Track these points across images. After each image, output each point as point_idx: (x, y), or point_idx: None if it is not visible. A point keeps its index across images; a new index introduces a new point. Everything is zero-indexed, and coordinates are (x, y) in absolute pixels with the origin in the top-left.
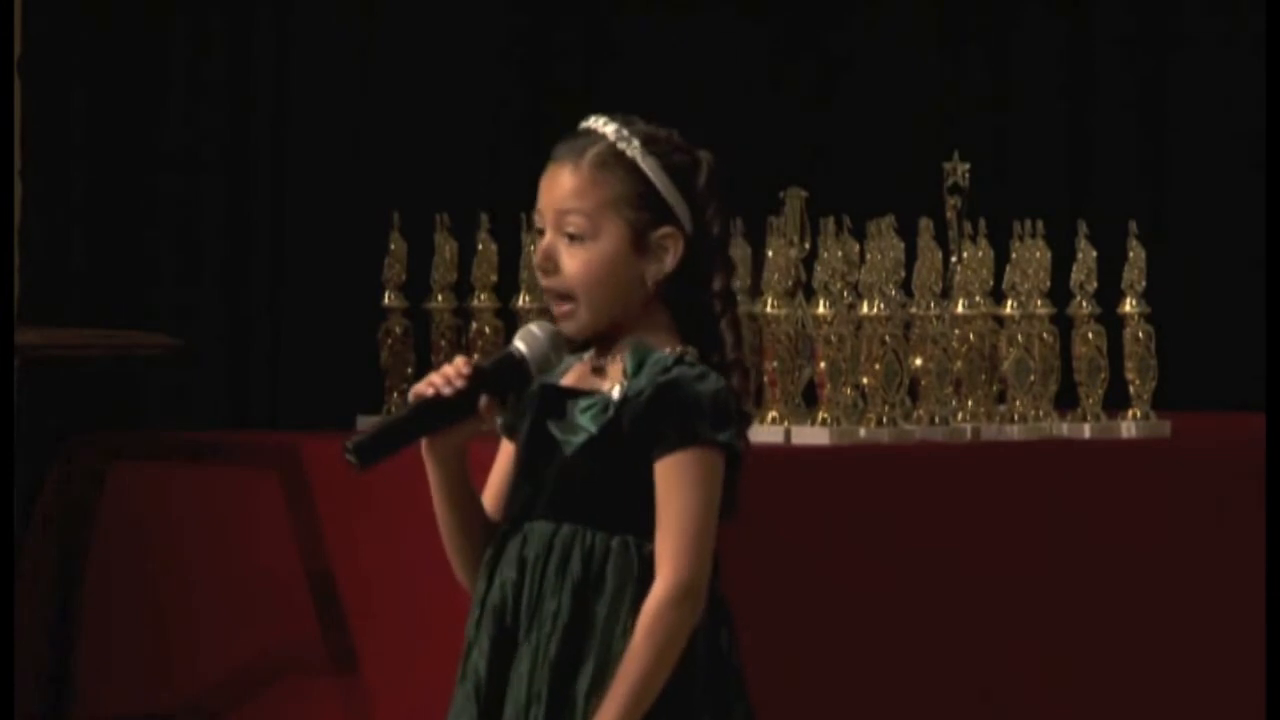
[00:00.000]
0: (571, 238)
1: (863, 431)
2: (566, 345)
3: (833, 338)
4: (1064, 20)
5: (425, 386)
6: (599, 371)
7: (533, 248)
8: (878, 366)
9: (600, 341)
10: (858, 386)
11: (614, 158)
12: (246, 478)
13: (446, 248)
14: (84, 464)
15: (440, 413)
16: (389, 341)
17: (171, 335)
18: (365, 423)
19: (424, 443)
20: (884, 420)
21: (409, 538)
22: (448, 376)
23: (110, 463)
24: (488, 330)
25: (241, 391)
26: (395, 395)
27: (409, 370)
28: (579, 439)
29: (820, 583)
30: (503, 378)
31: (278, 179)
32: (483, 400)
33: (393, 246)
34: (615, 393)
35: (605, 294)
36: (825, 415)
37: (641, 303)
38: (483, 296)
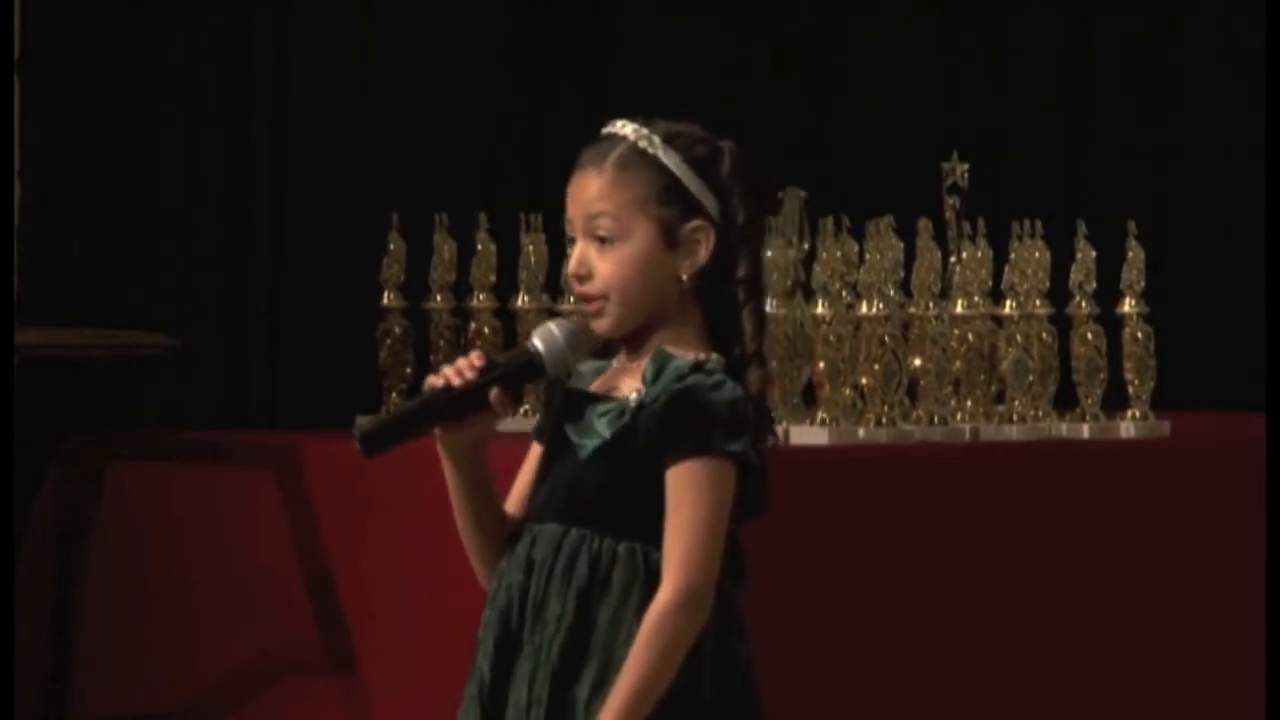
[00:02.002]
0: (602, 240)
1: (861, 432)
2: (590, 346)
3: (831, 338)
4: (1063, 20)
5: (437, 378)
6: (625, 376)
7: (531, 248)
8: (876, 366)
9: (630, 344)
10: (856, 386)
11: (637, 157)
12: (245, 478)
13: (445, 248)
14: (83, 464)
15: (451, 405)
16: (388, 341)
17: (171, 335)
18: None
19: (439, 437)
20: (883, 420)
21: (408, 538)
22: (460, 369)
23: (109, 463)
24: (486, 330)
25: (240, 392)
26: (394, 395)
27: (408, 370)
28: (593, 443)
29: (819, 583)
30: (516, 373)
31: (277, 179)
32: (494, 394)
33: (391, 246)
34: (633, 399)
35: (640, 293)
36: (824, 415)
37: (675, 299)
38: (481, 296)
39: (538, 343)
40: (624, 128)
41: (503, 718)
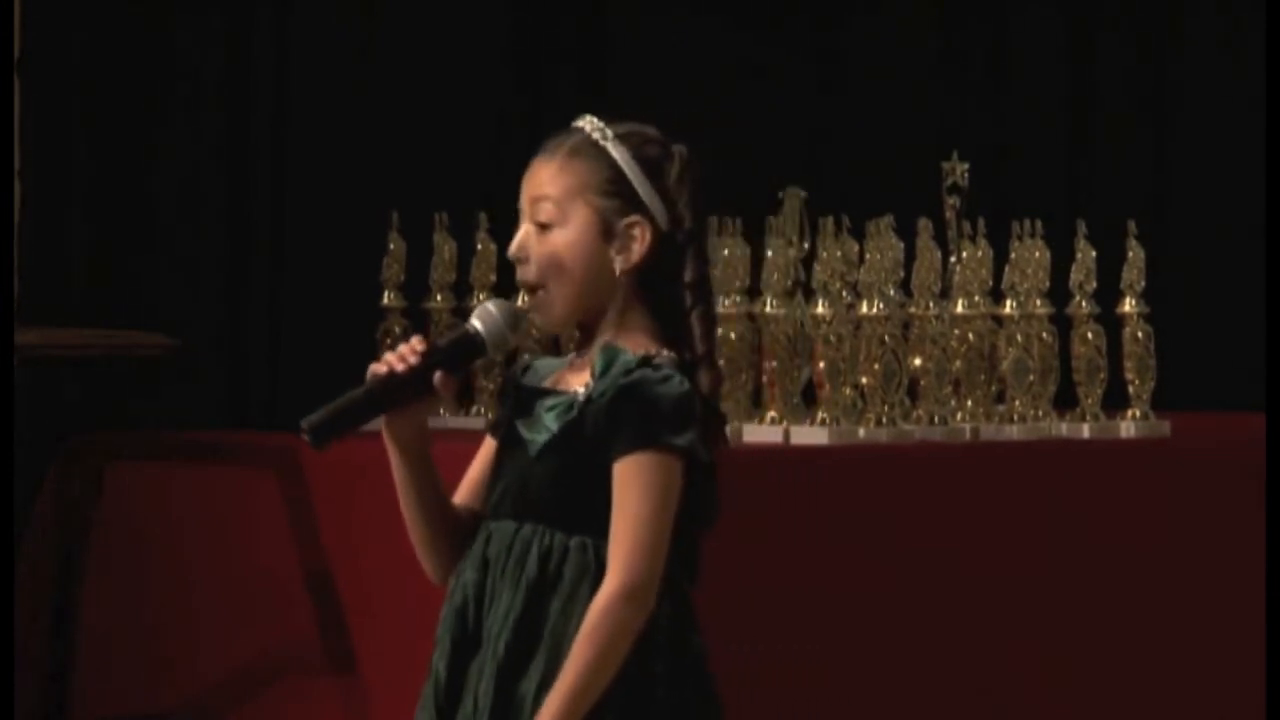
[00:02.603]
0: (542, 226)
1: (862, 431)
2: (527, 323)
3: (832, 337)
4: (1063, 20)
5: (379, 365)
6: (575, 372)
7: None
8: (877, 366)
9: (580, 340)
10: (857, 386)
11: (588, 147)
12: (245, 478)
13: (445, 248)
14: (83, 464)
15: (395, 390)
16: (388, 341)
17: (170, 335)
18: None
19: (384, 423)
20: (883, 420)
21: (406, 538)
22: (402, 354)
23: (109, 462)
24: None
25: (240, 392)
26: None
27: None
28: (541, 438)
29: (819, 582)
30: (458, 355)
31: (277, 179)
32: (437, 377)
33: (392, 246)
34: (580, 392)
35: (572, 280)
36: (824, 415)
37: (610, 293)
38: (481, 296)
39: (476, 323)
40: (584, 121)
41: (455, 715)
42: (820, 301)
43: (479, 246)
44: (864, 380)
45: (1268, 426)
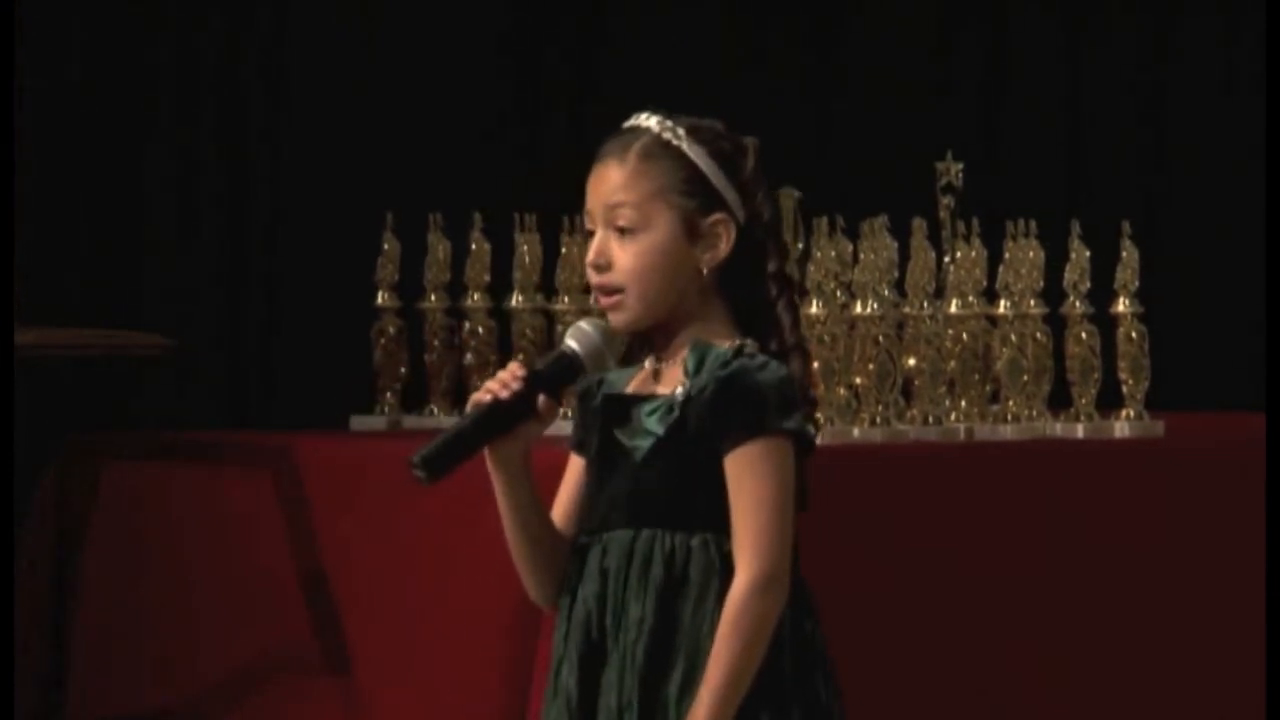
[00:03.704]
0: (622, 231)
1: (856, 431)
2: (622, 341)
3: (826, 337)
4: (1058, 19)
5: (483, 394)
6: (660, 374)
7: (526, 248)
8: (871, 366)
9: (658, 342)
10: (851, 386)
11: (660, 147)
12: (241, 478)
13: (440, 247)
14: (80, 463)
15: (500, 418)
16: (382, 341)
17: (167, 336)
18: (360, 423)
19: (487, 452)
20: (877, 420)
21: (404, 538)
22: (504, 381)
23: (106, 462)
24: (481, 330)
25: (237, 392)
26: (389, 395)
27: (402, 370)
28: (647, 443)
29: (813, 583)
30: (557, 376)
31: (272, 179)
32: (541, 400)
33: (386, 246)
34: (679, 393)
35: (658, 284)
36: (819, 415)
37: (697, 293)
38: (476, 296)
39: (573, 343)
40: (648, 120)
41: None
42: (814, 301)
43: (473, 246)
44: (858, 380)
45: (1267, 426)
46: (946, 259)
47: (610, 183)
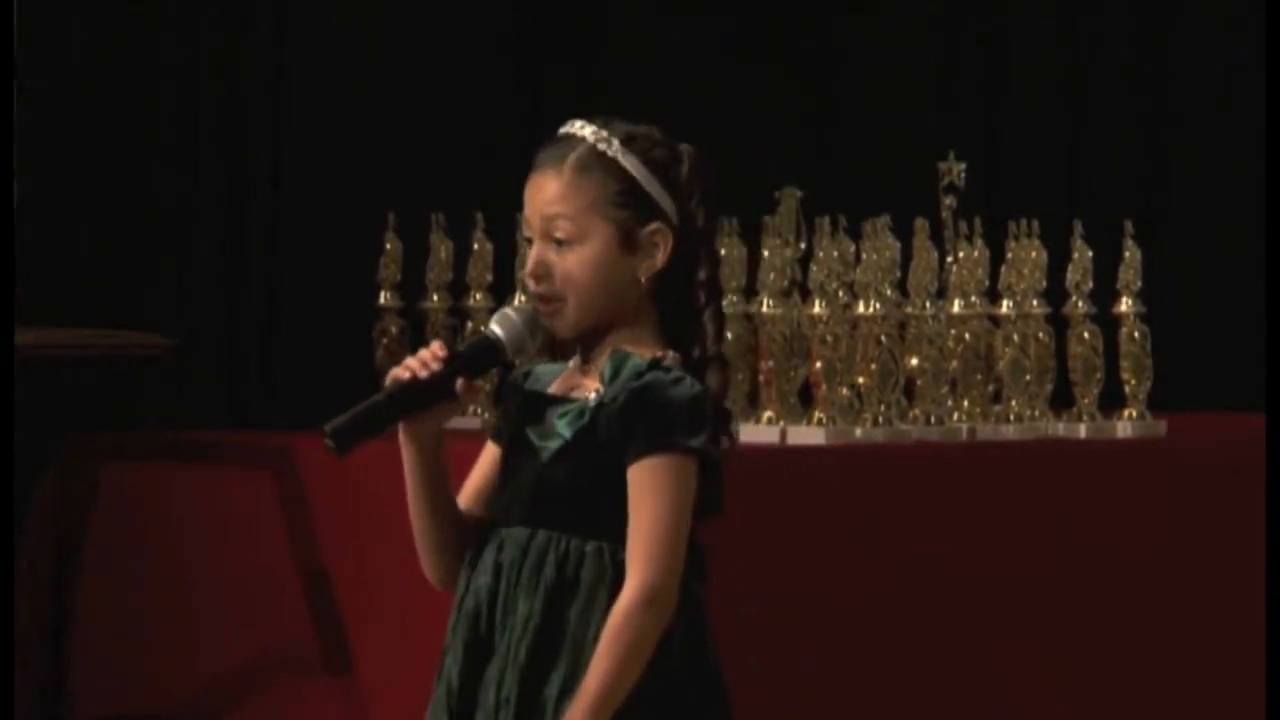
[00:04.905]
0: (560, 243)
1: (858, 431)
2: (546, 330)
3: (828, 337)
4: (1060, 19)
5: (401, 370)
6: (583, 377)
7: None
8: (873, 366)
9: (586, 345)
10: (853, 386)
11: (595, 159)
12: (242, 478)
13: (442, 248)
14: (80, 464)
15: (417, 396)
16: (384, 341)
17: (167, 336)
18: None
19: (401, 427)
20: (879, 420)
21: (403, 538)
22: (424, 360)
23: (106, 462)
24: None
25: (237, 392)
26: None
27: None
28: (554, 445)
29: (815, 583)
30: (478, 360)
31: (274, 179)
32: (459, 383)
33: (388, 246)
34: (592, 398)
35: (598, 295)
36: (820, 415)
37: (634, 301)
38: (478, 296)
39: (496, 328)
40: (582, 129)
41: None
42: (817, 301)
43: (475, 246)
44: (860, 380)
45: (1267, 426)
46: (949, 259)
47: (546, 194)
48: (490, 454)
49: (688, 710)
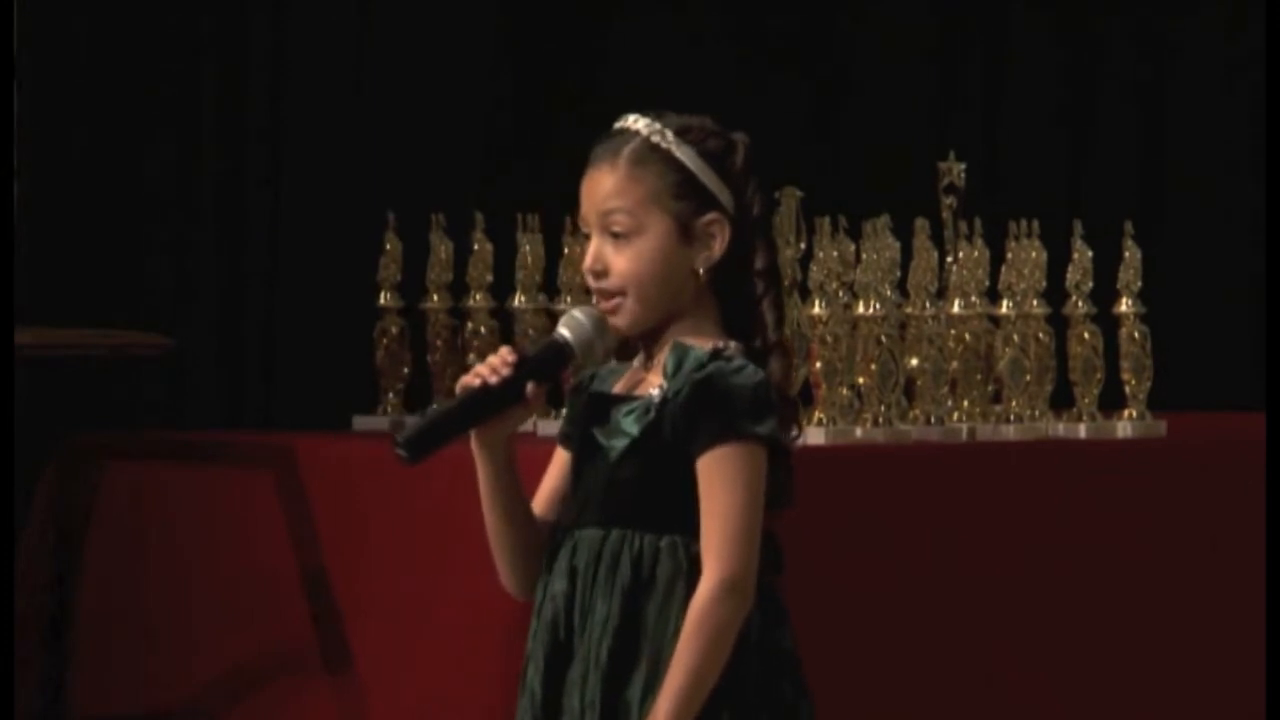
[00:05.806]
0: (617, 236)
1: (858, 431)
2: (615, 334)
3: (828, 338)
4: (1059, 20)
5: (472, 378)
6: (646, 374)
7: (528, 248)
8: (873, 366)
9: (647, 341)
10: (853, 386)
11: (650, 151)
12: (242, 478)
13: (442, 248)
14: (80, 463)
15: (487, 403)
16: (384, 341)
17: (167, 336)
18: (363, 423)
19: (473, 435)
20: (879, 420)
21: (403, 537)
22: (493, 366)
23: (106, 462)
24: (483, 330)
25: (237, 392)
26: (390, 395)
27: (404, 370)
28: (621, 443)
29: (815, 583)
30: (548, 364)
31: (273, 179)
32: (529, 388)
33: (388, 246)
34: (655, 394)
35: (657, 288)
36: (821, 415)
37: (693, 293)
38: (478, 296)
39: (565, 332)
40: (636, 122)
41: None
42: (817, 301)
43: (475, 246)
44: (860, 380)
45: (1267, 426)
46: (949, 259)
47: (603, 189)
48: (560, 460)
49: (772, 702)
